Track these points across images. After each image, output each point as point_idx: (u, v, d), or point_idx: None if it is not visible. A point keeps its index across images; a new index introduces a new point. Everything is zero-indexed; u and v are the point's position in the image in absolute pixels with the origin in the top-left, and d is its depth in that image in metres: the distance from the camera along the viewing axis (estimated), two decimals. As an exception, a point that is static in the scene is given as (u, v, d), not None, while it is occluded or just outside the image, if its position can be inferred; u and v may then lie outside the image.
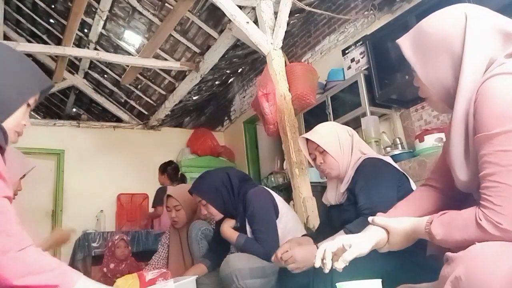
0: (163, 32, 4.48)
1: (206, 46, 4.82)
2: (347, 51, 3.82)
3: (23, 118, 1.13)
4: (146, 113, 6.50)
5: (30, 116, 1.19)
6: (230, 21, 3.74)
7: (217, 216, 2.15)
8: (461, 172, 0.96)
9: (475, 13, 0.97)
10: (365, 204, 1.54)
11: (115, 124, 6.42)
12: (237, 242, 2.02)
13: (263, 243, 1.93)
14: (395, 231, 1.06)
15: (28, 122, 1.16)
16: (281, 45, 3.44)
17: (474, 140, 0.89)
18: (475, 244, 0.82)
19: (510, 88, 0.85)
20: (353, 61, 3.73)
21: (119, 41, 5.31)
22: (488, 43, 0.94)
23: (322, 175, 1.83)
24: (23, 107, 1.11)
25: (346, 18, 4.05)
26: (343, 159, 1.70)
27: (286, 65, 3.47)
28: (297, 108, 3.39)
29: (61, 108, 7.36)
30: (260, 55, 4.44)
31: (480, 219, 0.83)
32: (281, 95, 3.27)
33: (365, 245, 1.04)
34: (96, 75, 6.19)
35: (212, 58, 4.72)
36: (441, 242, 0.91)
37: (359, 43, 3.67)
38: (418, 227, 0.99)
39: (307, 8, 3.87)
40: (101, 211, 5.61)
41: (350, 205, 1.65)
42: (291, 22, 4.56)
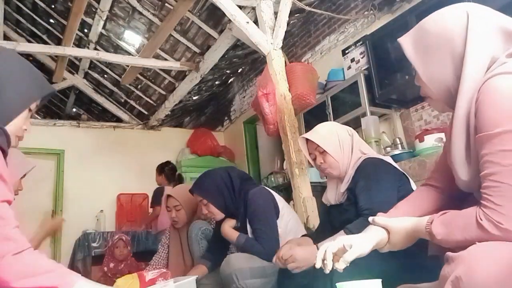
0: (163, 32, 4.48)
1: (206, 46, 4.82)
2: (347, 51, 3.82)
3: (24, 123, 1.16)
4: (146, 113, 6.49)
5: (33, 113, 1.21)
6: (230, 21, 3.74)
7: (218, 215, 2.15)
8: (462, 171, 0.96)
9: (477, 12, 0.96)
10: (365, 204, 1.54)
11: (115, 124, 6.41)
12: (238, 242, 2.02)
13: (263, 243, 1.93)
14: (395, 231, 1.06)
15: (28, 127, 1.19)
16: (281, 45, 3.44)
17: (475, 139, 0.89)
18: (475, 244, 0.82)
19: (511, 87, 0.84)
20: (353, 61, 3.73)
21: (119, 41, 5.31)
22: (490, 42, 0.93)
23: (322, 175, 1.83)
24: (24, 112, 1.14)
25: (346, 18, 4.05)
26: (343, 159, 1.69)
27: (286, 65, 3.47)
28: (297, 108, 3.39)
29: (61, 108, 7.36)
30: (260, 55, 4.44)
31: (480, 219, 0.83)
32: (281, 95, 3.27)
33: (366, 245, 1.04)
34: (96, 75, 6.19)
35: (212, 58, 4.72)
36: (442, 241, 0.91)
37: (359, 43, 3.67)
38: (418, 227, 0.99)
39: (307, 8, 3.87)
40: (101, 211, 5.61)
41: (350, 205, 1.65)
42: (291, 22, 4.56)
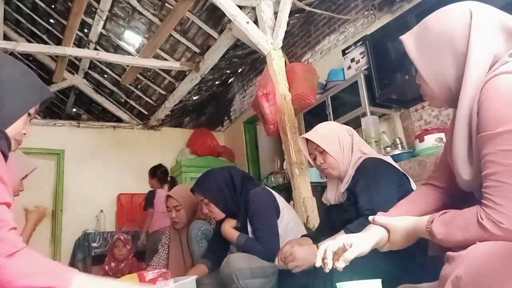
0: (163, 32, 4.48)
1: (206, 46, 4.82)
2: (347, 51, 3.81)
3: (23, 127, 1.17)
4: (146, 113, 6.49)
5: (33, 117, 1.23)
6: (230, 21, 3.74)
7: (219, 215, 2.15)
8: (464, 171, 0.95)
9: (480, 10, 0.96)
10: (365, 204, 1.54)
11: (115, 124, 6.41)
12: (238, 241, 2.02)
13: (263, 243, 1.93)
14: (395, 230, 1.05)
15: (28, 131, 1.21)
16: (281, 45, 3.44)
17: (477, 139, 0.88)
18: (476, 243, 0.81)
19: None
20: (353, 61, 3.73)
21: (119, 41, 5.31)
22: (492, 41, 0.93)
23: (322, 175, 1.83)
24: (24, 117, 1.16)
25: (346, 18, 4.05)
26: (343, 158, 1.69)
27: (286, 65, 3.47)
28: (297, 108, 3.40)
29: (61, 108, 7.36)
30: (260, 55, 4.44)
31: (481, 218, 0.83)
32: (281, 95, 3.27)
33: (366, 244, 1.04)
34: (96, 75, 6.19)
35: (212, 58, 4.72)
36: (442, 241, 0.91)
37: (359, 43, 3.67)
38: (419, 226, 0.99)
39: (307, 8, 3.87)
40: (101, 211, 5.61)
41: (350, 205, 1.65)
42: (291, 22, 4.56)
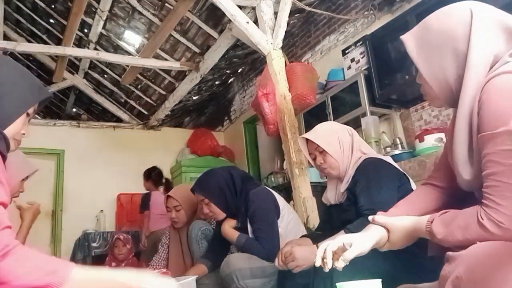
0: (163, 32, 4.48)
1: (206, 46, 4.82)
2: (347, 51, 3.81)
3: (22, 127, 1.17)
4: (146, 113, 6.49)
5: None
6: (230, 21, 3.74)
7: (220, 215, 2.14)
8: (465, 170, 0.95)
9: (481, 10, 0.96)
10: (365, 204, 1.54)
11: (115, 124, 6.41)
12: (238, 241, 2.01)
13: (263, 243, 1.93)
14: (395, 229, 1.05)
15: (27, 131, 1.21)
16: (281, 45, 3.44)
17: (477, 138, 0.88)
18: (476, 243, 0.81)
19: None
20: (353, 61, 3.73)
21: (119, 41, 5.31)
22: (493, 41, 0.93)
23: (322, 175, 1.83)
24: (22, 117, 1.16)
25: (346, 18, 4.05)
26: (343, 158, 1.69)
27: (286, 65, 3.47)
28: (297, 108, 3.40)
29: (61, 108, 7.36)
30: (260, 55, 4.44)
31: (482, 218, 0.83)
32: (281, 95, 3.26)
33: (366, 244, 1.04)
34: (96, 75, 6.19)
35: (212, 58, 4.72)
36: (442, 241, 0.91)
37: (359, 43, 3.66)
38: (418, 226, 0.99)
39: (307, 8, 3.87)
40: (101, 211, 5.61)
41: (350, 205, 1.65)
42: (291, 22, 4.56)
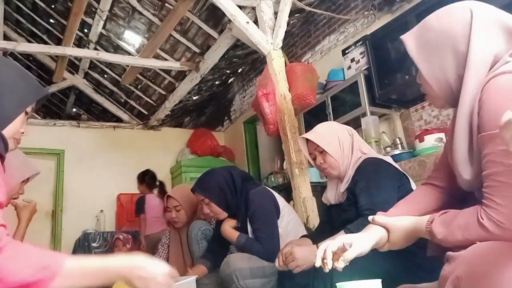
0: (163, 32, 4.48)
1: (206, 46, 4.82)
2: (347, 51, 3.81)
3: (21, 126, 1.17)
4: (146, 113, 6.49)
5: (30, 116, 1.23)
6: (230, 21, 3.74)
7: (220, 215, 2.14)
8: (465, 170, 0.95)
9: (481, 10, 0.96)
10: (366, 204, 1.54)
11: (115, 124, 6.41)
12: (238, 241, 2.01)
13: (263, 243, 1.93)
14: (395, 229, 1.05)
15: (26, 130, 1.21)
16: (281, 45, 3.44)
17: (478, 138, 0.88)
18: (476, 243, 0.81)
19: None
20: (353, 61, 3.73)
21: (119, 41, 5.31)
22: (493, 41, 0.93)
23: (322, 175, 1.83)
24: (21, 115, 1.16)
25: (346, 18, 4.05)
26: (343, 158, 1.69)
27: (286, 65, 3.47)
28: (297, 108, 3.39)
29: (61, 108, 7.36)
30: (260, 55, 4.44)
31: (482, 218, 0.83)
32: (281, 95, 3.26)
33: (366, 244, 1.04)
34: (96, 75, 6.19)
35: (212, 58, 4.72)
36: (442, 241, 0.91)
37: (359, 43, 3.66)
38: (418, 226, 0.99)
39: (307, 8, 3.87)
40: (101, 211, 5.61)
41: (350, 204, 1.65)
42: (291, 22, 4.56)
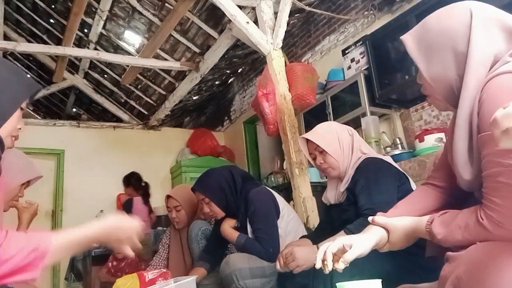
0: (163, 32, 4.47)
1: (206, 46, 4.82)
2: (347, 51, 3.81)
3: (18, 122, 1.18)
4: (146, 113, 6.49)
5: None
6: (230, 21, 3.74)
7: (219, 214, 2.14)
8: (465, 171, 0.95)
9: (480, 10, 0.96)
10: (365, 204, 1.54)
11: (115, 124, 6.41)
12: (237, 241, 2.01)
13: (263, 243, 1.93)
14: (395, 230, 1.05)
15: (22, 125, 1.21)
16: (281, 45, 3.44)
17: (477, 139, 0.88)
18: (476, 244, 0.81)
19: None
20: (353, 61, 3.73)
21: (119, 41, 5.31)
22: (493, 41, 0.93)
23: (322, 175, 1.83)
24: (17, 112, 1.16)
25: (346, 18, 4.05)
26: (343, 158, 1.69)
27: (286, 65, 3.47)
28: (297, 108, 3.39)
29: (61, 108, 7.35)
30: (260, 55, 4.44)
31: (481, 219, 0.83)
32: (281, 95, 3.26)
33: (366, 245, 1.04)
34: (96, 75, 6.18)
35: (212, 58, 4.72)
36: (442, 241, 0.91)
37: (359, 43, 3.66)
38: (418, 227, 0.99)
39: (307, 8, 3.87)
40: (101, 211, 5.60)
41: (350, 204, 1.65)
42: (291, 22, 4.56)
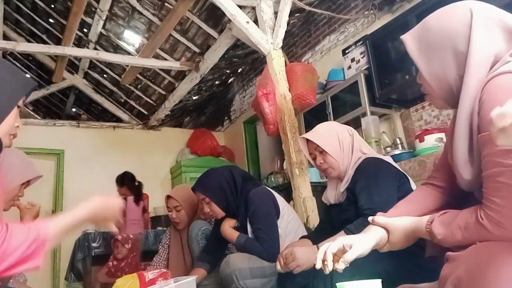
0: (163, 32, 4.47)
1: (206, 46, 4.82)
2: (347, 51, 3.81)
3: (15, 120, 1.18)
4: (146, 113, 6.49)
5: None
6: (230, 21, 3.74)
7: (219, 214, 2.14)
8: (465, 171, 0.95)
9: (481, 10, 0.96)
10: (365, 204, 1.54)
11: (115, 124, 6.41)
12: (237, 241, 2.01)
13: (263, 243, 1.92)
14: (395, 230, 1.05)
15: (20, 123, 1.21)
16: (281, 45, 3.44)
17: (478, 139, 0.88)
18: (476, 244, 0.81)
19: None
20: (353, 61, 3.73)
21: (119, 41, 5.30)
22: (493, 41, 0.93)
23: (322, 175, 1.83)
24: (13, 111, 1.16)
25: (346, 18, 4.05)
26: (343, 158, 1.69)
27: (286, 65, 3.47)
28: (297, 108, 3.39)
29: (61, 108, 7.35)
30: (260, 55, 4.44)
31: (481, 219, 0.83)
32: (281, 95, 3.26)
33: (366, 245, 1.04)
34: (96, 75, 6.18)
35: (212, 58, 4.72)
36: (442, 241, 0.91)
37: (359, 43, 3.66)
38: (418, 227, 0.99)
39: (307, 8, 3.87)
40: (101, 211, 5.60)
41: (350, 204, 1.65)
42: (291, 22, 4.56)
